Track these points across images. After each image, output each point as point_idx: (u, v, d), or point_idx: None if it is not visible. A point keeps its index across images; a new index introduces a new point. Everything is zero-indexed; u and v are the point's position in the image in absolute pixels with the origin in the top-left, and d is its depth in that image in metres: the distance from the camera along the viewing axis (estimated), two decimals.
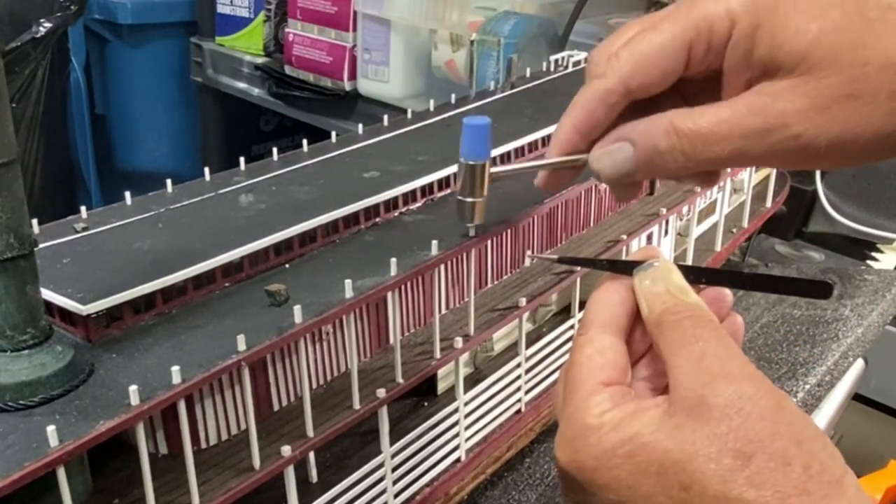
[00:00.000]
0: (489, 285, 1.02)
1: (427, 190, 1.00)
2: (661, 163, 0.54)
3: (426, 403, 0.94)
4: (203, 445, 0.76)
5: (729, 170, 1.34)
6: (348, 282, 0.77)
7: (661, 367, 0.52)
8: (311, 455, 0.80)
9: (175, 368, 0.65)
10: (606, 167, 0.57)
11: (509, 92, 1.36)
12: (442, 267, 0.93)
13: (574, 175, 0.64)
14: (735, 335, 0.56)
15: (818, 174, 1.96)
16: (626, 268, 0.57)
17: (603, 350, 0.54)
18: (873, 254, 1.90)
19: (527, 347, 1.02)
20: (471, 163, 0.59)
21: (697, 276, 0.57)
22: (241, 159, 1.06)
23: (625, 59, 0.56)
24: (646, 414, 0.49)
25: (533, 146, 1.14)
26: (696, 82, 0.57)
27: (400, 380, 0.85)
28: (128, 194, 0.96)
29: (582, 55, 1.52)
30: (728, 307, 0.57)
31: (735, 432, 0.45)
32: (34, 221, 0.82)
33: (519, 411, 1.03)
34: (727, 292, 0.57)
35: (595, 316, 0.56)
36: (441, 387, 0.96)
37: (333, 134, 1.17)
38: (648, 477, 0.47)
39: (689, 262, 1.32)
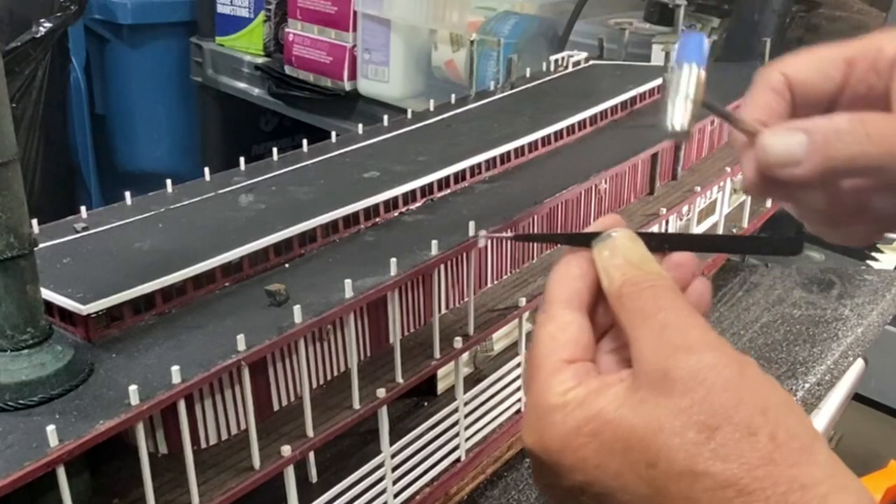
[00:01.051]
0: (489, 285, 1.02)
1: (427, 190, 1.00)
2: (840, 146, 0.53)
3: (426, 403, 0.94)
4: (203, 445, 0.76)
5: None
6: (348, 282, 0.77)
7: (627, 339, 0.51)
8: (311, 455, 0.80)
9: (175, 368, 0.65)
10: (777, 144, 0.55)
11: (509, 92, 1.36)
12: (442, 267, 0.93)
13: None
14: (702, 298, 0.55)
15: None
16: (585, 240, 0.55)
17: (564, 327, 0.52)
18: (873, 254, 1.90)
19: (527, 347, 1.02)
20: (694, 65, 0.58)
21: (660, 242, 0.56)
22: (241, 159, 1.06)
23: (785, 57, 0.59)
24: (610, 390, 0.48)
25: (533, 146, 1.14)
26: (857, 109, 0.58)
27: (400, 380, 0.85)
28: (128, 194, 0.96)
29: (582, 55, 1.52)
30: (693, 272, 0.56)
31: (699, 405, 0.45)
32: (34, 221, 0.82)
33: (519, 411, 1.03)
34: (691, 256, 0.57)
35: (555, 292, 0.54)
36: (441, 387, 0.96)
37: (333, 134, 1.17)
38: (615, 455, 0.46)
39: None
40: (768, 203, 1.56)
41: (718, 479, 0.43)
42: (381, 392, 0.81)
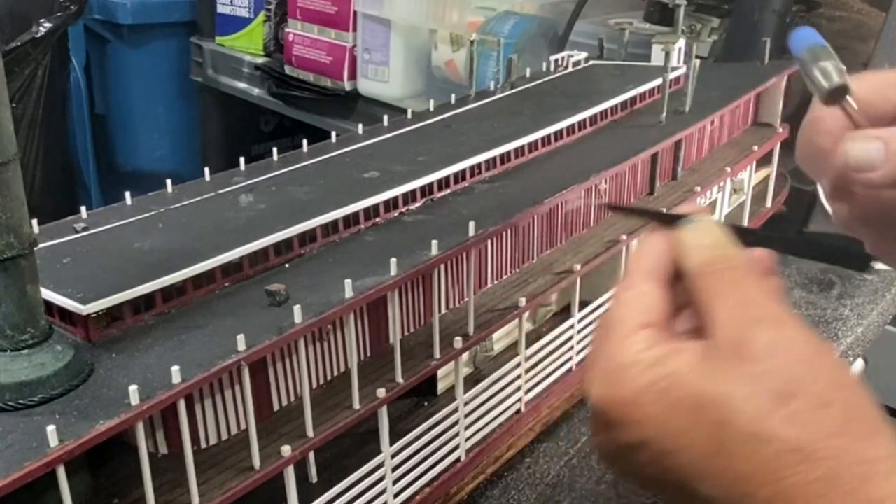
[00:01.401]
0: (489, 285, 1.02)
1: (427, 190, 1.00)
2: None
3: (426, 403, 0.94)
4: (203, 445, 0.76)
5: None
6: (348, 282, 0.77)
7: (703, 318, 0.52)
8: (311, 455, 0.80)
9: (175, 368, 0.65)
10: (857, 149, 0.57)
11: (509, 92, 1.36)
12: (442, 267, 0.93)
13: None
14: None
15: None
16: (672, 220, 0.57)
17: (643, 294, 0.54)
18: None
19: (527, 347, 1.02)
20: (819, 41, 0.60)
21: (742, 236, 0.58)
22: (241, 159, 1.06)
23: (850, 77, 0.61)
24: (684, 354, 0.49)
25: (533, 146, 1.14)
26: None
27: (400, 380, 0.85)
28: (128, 194, 0.96)
29: (582, 55, 1.52)
30: (770, 270, 0.57)
31: (777, 372, 0.45)
32: (34, 221, 0.82)
33: (519, 411, 1.03)
34: (769, 254, 0.58)
35: (638, 264, 0.56)
36: (441, 387, 0.96)
37: (333, 134, 1.17)
38: (682, 413, 0.47)
39: None
40: (768, 203, 1.56)
41: (788, 444, 0.44)
42: (381, 392, 0.82)
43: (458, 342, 0.89)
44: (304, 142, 1.12)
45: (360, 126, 1.19)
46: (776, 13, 1.67)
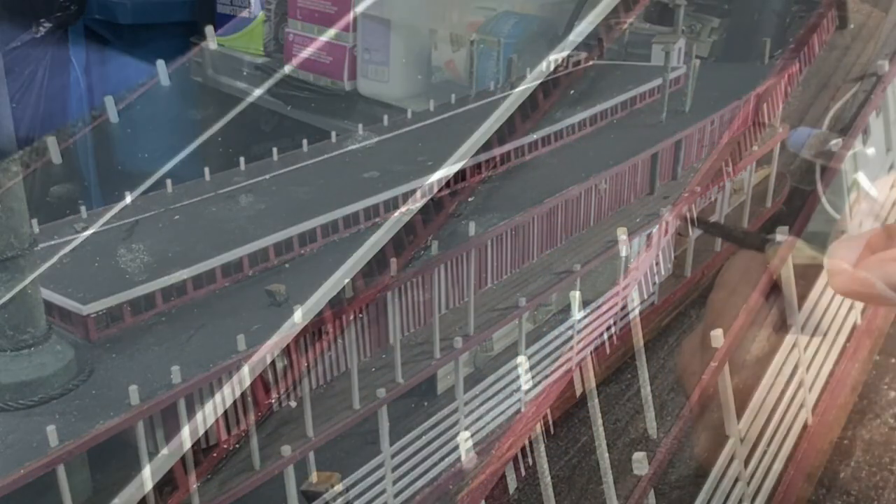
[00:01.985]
0: (489, 285, 1.02)
1: (427, 190, 1.00)
2: None
3: (426, 403, 0.94)
4: (203, 445, 0.76)
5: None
6: (347, 282, 0.77)
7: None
8: (311, 455, 0.80)
9: (175, 368, 0.65)
10: (881, 276, 0.57)
11: (509, 92, 1.36)
12: (442, 267, 0.93)
13: None
14: None
15: (818, 174, 1.96)
16: (755, 241, 0.59)
17: (744, 297, 0.55)
18: None
19: (527, 347, 1.02)
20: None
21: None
22: (241, 159, 1.06)
23: None
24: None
25: (533, 146, 1.14)
26: None
27: (400, 380, 0.85)
28: (128, 194, 0.96)
29: (582, 55, 1.52)
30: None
31: None
32: (34, 221, 0.82)
33: (519, 411, 1.03)
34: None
35: (731, 276, 0.59)
36: (441, 387, 0.96)
37: (333, 134, 1.17)
38: None
39: (690, 262, 1.32)
40: (768, 203, 1.56)
41: None
42: (381, 392, 0.81)
43: (458, 342, 0.89)
44: (304, 142, 1.12)
45: (360, 126, 1.19)
46: (776, 13, 1.67)
